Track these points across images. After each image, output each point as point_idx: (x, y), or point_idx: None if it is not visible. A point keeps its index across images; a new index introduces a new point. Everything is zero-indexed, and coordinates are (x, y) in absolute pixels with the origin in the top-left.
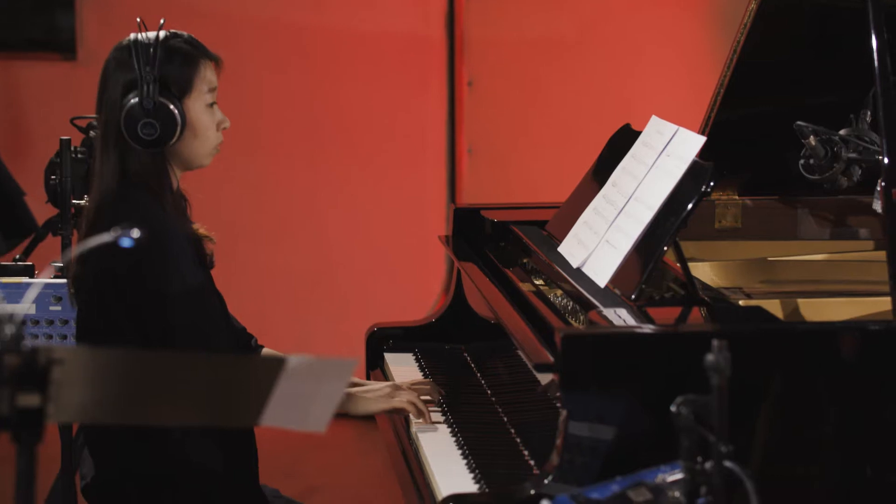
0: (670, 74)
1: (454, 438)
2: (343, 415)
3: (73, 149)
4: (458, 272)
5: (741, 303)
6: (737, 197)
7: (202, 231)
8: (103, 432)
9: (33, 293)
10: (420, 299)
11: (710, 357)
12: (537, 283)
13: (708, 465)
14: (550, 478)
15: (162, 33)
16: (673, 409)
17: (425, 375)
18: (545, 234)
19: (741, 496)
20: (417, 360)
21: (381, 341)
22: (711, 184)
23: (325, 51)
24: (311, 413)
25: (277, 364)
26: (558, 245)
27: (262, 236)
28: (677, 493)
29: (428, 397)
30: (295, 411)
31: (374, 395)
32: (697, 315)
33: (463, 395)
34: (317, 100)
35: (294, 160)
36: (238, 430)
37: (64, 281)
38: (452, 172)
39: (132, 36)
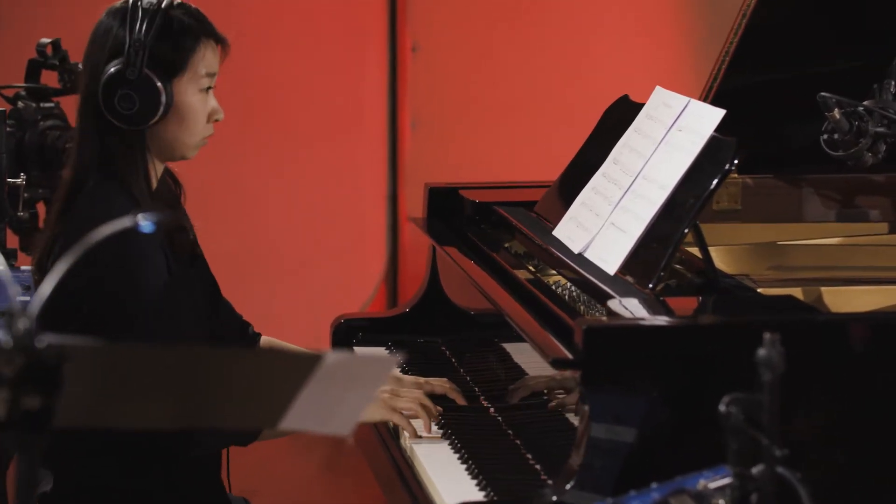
0: (632, 40)
1: (448, 441)
2: None
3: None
4: (434, 258)
5: (759, 290)
6: (736, 175)
7: (183, 222)
8: (66, 441)
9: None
10: (357, 287)
11: (762, 351)
12: (531, 269)
13: (757, 470)
14: (571, 483)
15: (166, 0)
16: (721, 408)
17: (402, 371)
18: (534, 216)
19: None
20: (392, 355)
21: (348, 334)
22: (735, 161)
23: (251, 9)
24: (337, 415)
25: (309, 361)
26: (551, 228)
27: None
28: (722, 502)
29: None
30: (318, 413)
31: (376, 398)
32: (723, 305)
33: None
34: (241, 65)
35: (218, 132)
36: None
37: None
38: (394, 148)
39: None
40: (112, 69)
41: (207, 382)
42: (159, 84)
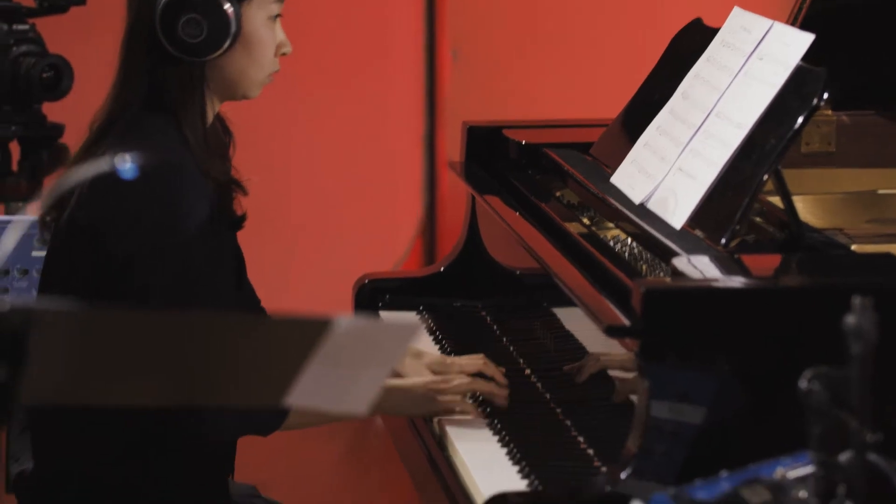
0: None
1: (486, 421)
2: None
3: None
4: (473, 209)
5: (852, 248)
6: (829, 112)
7: (236, 178)
8: (46, 415)
9: (13, 235)
10: (389, 243)
11: (850, 318)
12: (585, 222)
13: (844, 457)
14: (628, 472)
15: None
16: (803, 385)
17: (435, 340)
18: (589, 159)
19: (887, 498)
20: (424, 320)
21: (373, 297)
22: (825, 95)
23: None
24: (353, 391)
25: (318, 327)
26: (610, 174)
27: None
28: (803, 493)
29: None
30: (331, 388)
31: (418, 391)
32: (809, 265)
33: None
34: None
35: None
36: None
37: None
38: (431, 82)
39: None
40: None
41: (209, 354)
42: (229, 7)
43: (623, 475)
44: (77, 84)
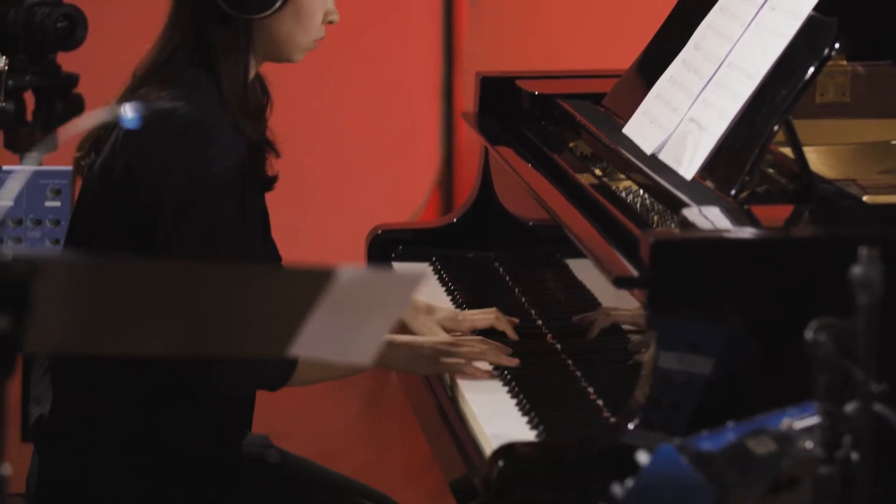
0: None
1: (497, 372)
2: None
3: None
4: (486, 160)
5: (864, 199)
6: (844, 62)
7: (270, 139)
8: (71, 363)
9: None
10: (406, 194)
11: (856, 269)
12: (597, 173)
13: (850, 408)
14: (636, 423)
15: None
16: (808, 335)
17: (447, 291)
18: (602, 110)
19: (893, 449)
20: (437, 271)
21: (386, 248)
22: (836, 45)
23: None
24: (356, 341)
25: (321, 277)
26: (622, 125)
27: None
28: (809, 444)
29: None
30: (335, 338)
31: (425, 351)
32: (820, 215)
33: None
34: None
35: None
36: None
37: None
38: (449, 30)
39: None
40: None
41: (215, 305)
42: None
43: (631, 426)
44: (91, 34)
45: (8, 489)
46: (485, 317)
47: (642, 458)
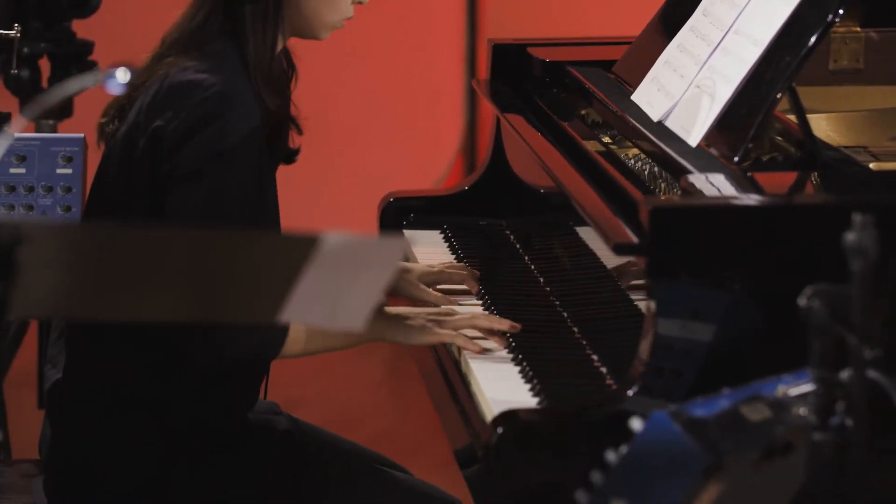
0: None
1: (499, 344)
2: None
3: None
4: (498, 127)
5: (872, 166)
6: (858, 29)
7: (294, 115)
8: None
9: None
10: (429, 161)
11: (850, 236)
12: (605, 140)
13: (845, 374)
14: (635, 390)
15: None
16: (802, 302)
17: (458, 258)
18: (612, 77)
19: (887, 415)
20: (447, 239)
21: (398, 215)
22: (840, 11)
23: None
24: (346, 306)
25: (307, 243)
26: (631, 92)
27: None
28: (803, 410)
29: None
30: (323, 303)
31: (418, 321)
32: (822, 182)
33: (508, 284)
34: None
35: None
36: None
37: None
38: None
39: None
40: None
41: (203, 270)
42: None
43: (630, 392)
44: (105, 1)
45: (21, 455)
46: (458, 272)
47: (636, 424)
